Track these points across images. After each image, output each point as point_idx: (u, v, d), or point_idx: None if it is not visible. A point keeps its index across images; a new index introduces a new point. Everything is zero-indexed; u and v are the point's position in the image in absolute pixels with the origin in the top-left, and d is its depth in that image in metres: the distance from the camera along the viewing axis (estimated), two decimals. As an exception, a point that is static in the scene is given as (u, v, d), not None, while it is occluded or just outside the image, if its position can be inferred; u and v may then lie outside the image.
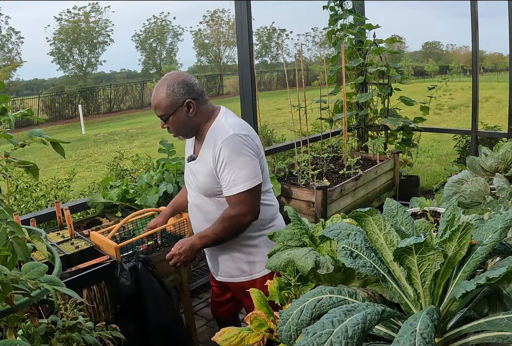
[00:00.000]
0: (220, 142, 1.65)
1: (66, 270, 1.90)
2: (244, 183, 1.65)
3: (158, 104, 1.70)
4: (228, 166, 1.65)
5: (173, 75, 1.71)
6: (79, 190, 4.31)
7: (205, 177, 1.76)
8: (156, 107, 1.71)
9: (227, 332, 1.03)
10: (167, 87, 1.68)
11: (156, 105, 1.70)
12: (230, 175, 1.66)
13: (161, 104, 1.69)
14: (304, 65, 3.39)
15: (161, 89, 1.69)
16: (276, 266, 1.18)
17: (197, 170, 1.79)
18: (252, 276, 1.89)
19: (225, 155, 1.65)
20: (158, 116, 1.74)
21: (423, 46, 46.21)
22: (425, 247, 0.83)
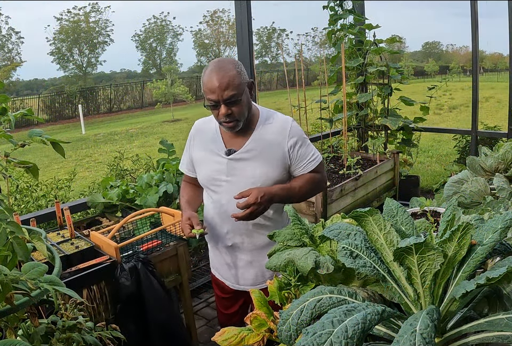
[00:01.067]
0: (290, 126, 1.70)
1: (66, 270, 1.91)
2: (319, 154, 1.78)
3: (231, 81, 1.53)
4: (304, 144, 1.72)
5: (228, 59, 1.63)
6: (79, 190, 4.32)
7: (265, 167, 1.67)
8: (228, 85, 1.53)
9: (227, 332, 1.03)
10: (234, 66, 1.57)
11: (229, 83, 1.53)
12: (309, 150, 1.74)
13: (235, 81, 1.54)
14: (304, 65, 3.39)
15: (229, 67, 1.56)
16: (276, 266, 1.18)
17: (247, 164, 1.67)
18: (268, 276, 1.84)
19: (299, 135, 1.72)
20: (226, 98, 1.55)
21: (423, 46, 46.25)
22: (425, 247, 0.83)
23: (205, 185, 1.79)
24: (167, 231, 2.31)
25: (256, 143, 1.68)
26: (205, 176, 1.76)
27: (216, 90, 1.53)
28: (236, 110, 1.58)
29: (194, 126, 1.85)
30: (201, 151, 1.77)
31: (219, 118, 1.61)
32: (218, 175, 1.71)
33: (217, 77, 1.53)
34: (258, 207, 1.57)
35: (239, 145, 1.70)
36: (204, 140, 1.77)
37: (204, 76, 1.58)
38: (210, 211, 1.80)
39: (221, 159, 1.70)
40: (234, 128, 1.64)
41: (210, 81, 1.54)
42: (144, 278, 2.03)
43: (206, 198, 1.84)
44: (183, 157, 1.91)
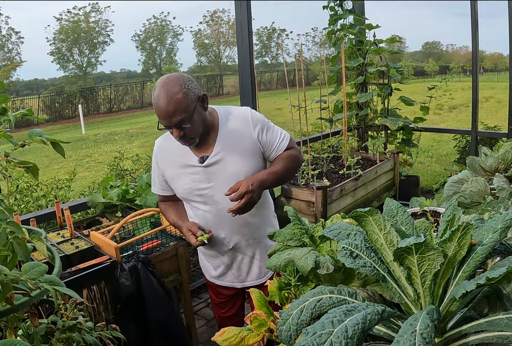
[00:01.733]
0: (250, 115, 1.71)
1: (66, 270, 1.91)
2: (285, 132, 1.80)
3: (177, 107, 1.51)
4: (269, 128, 1.75)
5: (174, 76, 1.57)
6: (79, 190, 4.31)
7: (242, 160, 1.68)
8: (175, 111, 1.51)
9: (227, 332, 1.03)
10: (180, 86, 1.52)
11: (175, 109, 1.50)
12: (276, 131, 1.76)
13: (182, 105, 1.51)
14: (304, 65, 3.39)
15: (175, 90, 1.51)
16: (276, 266, 1.18)
17: (224, 164, 1.67)
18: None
19: (262, 121, 1.74)
20: (175, 123, 1.53)
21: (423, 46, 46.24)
22: (425, 247, 0.83)
23: (187, 198, 1.76)
24: (167, 231, 2.31)
25: (225, 142, 1.68)
26: (184, 190, 1.73)
27: (165, 116, 1.53)
28: (188, 131, 1.57)
29: (156, 146, 1.81)
30: (172, 168, 1.75)
31: (176, 138, 1.60)
32: (199, 185, 1.70)
33: (164, 103, 1.51)
34: (252, 195, 1.57)
35: (209, 150, 1.69)
36: (171, 157, 1.74)
37: (153, 99, 1.55)
38: (200, 221, 1.78)
39: (196, 169, 1.69)
40: (192, 144, 1.65)
41: (158, 107, 1.52)
42: (144, 278, 2.03)
43: (191, 211, 1.82)
44: (153, 179, 1.86)
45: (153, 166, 1.83)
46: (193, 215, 1.81)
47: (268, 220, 1.87)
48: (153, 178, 1.87)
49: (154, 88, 1.56)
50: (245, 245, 1.80)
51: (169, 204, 1.89)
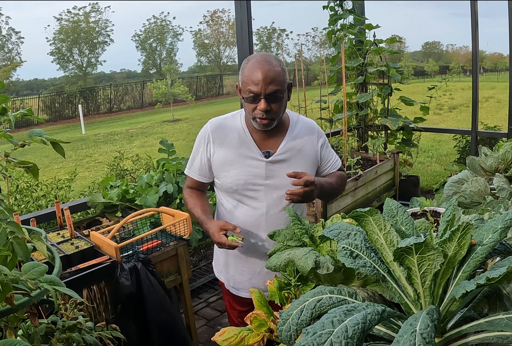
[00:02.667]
0: (316, 126, 1.76)
1: (66, 270, 1.90)
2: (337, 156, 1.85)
3: (276, 76, 1.49)
4: (328, 145, 1.78)
5: (272, 54, 1.59)
6: (79, 190, 4.32)
7: (303, 166, 1.65)
8: (273, 79, 1.48)
9: (227, 332, 1.03)
10: (279, 63, 1.53)
11: (274, 77, 1.48)
12: (332, 151, 1.81)
13: (280, 77, 1.50)
14: (304, 65, 3.39)
15: (276, 63, 1.51)
16: (276, 266, 1.18)
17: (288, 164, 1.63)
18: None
19: (324, 135, 1.78)
20: (270, 92, 1.48)
21: (423, 46, 46.21)
22: (425, 247, 0.83)
23: (237, 191, 1.65)
24: (167, 231, 2.31)
25: (292, 144, 1.65)
26: (237, 181, 1.62)
27: (261, 82, 1.47)
28: (275, 107, 1.52)
29: (211, 126, 1.68)
30: (228, 154, 1.63)
31: (254, 113, 1.53)
32: (255, 179, 1.62)
33: (264, 70, 1.47)
34: (313, 189, 1.50)
35: (273, 146, 1.64)
36: (229, 141, 1.64)
37: (246, 67, 1.52)
38: (243, 218, 1.67)
39: (258, 163, 1.62)
40: (268, 126, 1.57)
41: (254, 73, 1.47)
42: (144, 278, 2.03)
43: (234, 205, 1.70)
44: (193, 161, 1.73)
45: (199, 146, 1.70)
46: (232, 211, 1.70)
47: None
48: (192, 159, 1.73)
49: (247, 59, 1.55)
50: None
51: (196, 193, 1.76)
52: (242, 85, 1.54)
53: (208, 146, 1.66)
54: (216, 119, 1.71)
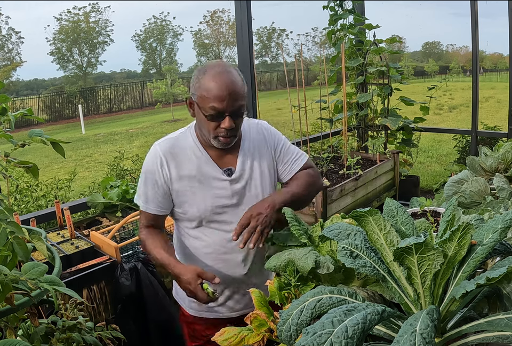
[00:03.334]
0: (265, 127, 1.60)
1: (66, 270, 1.91)
2: (302, 151, 1.65)
3: (241, 90, 1.36)
4: (285, 142, 1.61)
5: (229, 63, 1.43)
6: (79, 190, 4.32)
7: (265, 176, 1.54)
8: (238, 94, 1.34)
9: (227, 332, 1.03)
10: (238, 72, 1.40)
11: (239, 92, 1.35)
12: (292, 147, 1.62)
13: (243, 90, 1.37)
14: (304, 65, 3.39)
15: (236, 74, 1.38)
16: (276, 266, 1.18)
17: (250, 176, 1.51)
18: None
19: (276, 135, 1.61)
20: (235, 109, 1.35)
21: (423, 46, 46.17)
22: (425, 247, 0.83)
23: (205, 217, 1.49)
24: (166, 231, 2.31)
25: (249, 155, 1.52)
26: (206, 207, 1.46)
27: (226, 98, 1.32)
28: (238, 123, 1.40)
29: (161, 148, 1.47)
30: (188, 179, 1.46)
31: (217, 132, 1.38)
32: (222, 201, 1.47)
33: (228, 83, 1.33)
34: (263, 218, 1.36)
35: (231, 162, 1.50)
36: (187, 162, 1.46)
37: (205, 79, 1.34)
38: (214, 246, 1.51)
39: (222, 183, 1.47)
40: (230, 144, 1.43)
41: (218, 87, 1.32)
42: (144, 278, 2.03)
43: (202, 234, 1.52)
44: (147, 193, 1.49)
45: (151, 173, 1.47)
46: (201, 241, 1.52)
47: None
48: (145, 192, 1.49)
49: (203, 68, 1.38)
50: (259, 269, 1.56)
51: (155, 232, 1.53)
52: (202, 101, 1.35)
53: (163, 171, 1.45)
54: (164, 140, 1.51)
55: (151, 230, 1.52)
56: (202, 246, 1.53)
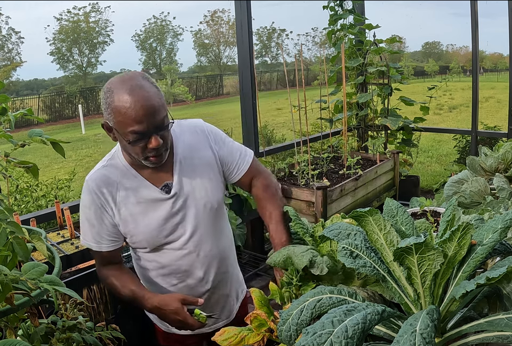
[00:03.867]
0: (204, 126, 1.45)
1: (66, 270, 1.91)
2: (247, 148, 1.53)
3: (158, 102, 1.21)
4: (225, 139, 1.48)
5: (132, 73, 1.27)
6: (79, 190, 4.31)
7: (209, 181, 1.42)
8: (156, 108, 1.20)
9: (227, 332, 1.03)
10: (148, 80, 1.24)
11: (157, 105, 1.20)
12: (236, 145, 1.50)
13: (161, 100, 1.23)
14: (304, 65, 3.39)
15: (147, 84, 1.22)
16: (276, 261, 1.20)
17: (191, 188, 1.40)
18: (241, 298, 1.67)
19: (217, 133, 1.47)
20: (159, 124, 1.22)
21: (423, 46, 46.14)
22: (425, 247, 0.83)
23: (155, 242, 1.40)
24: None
25: (186, 162, 1.39)
26: (151, 232, 1.37)
27: (144, 118, 1.17)
28: (166, 135, 1.26)
29: (92, 183, 1.35)
30: (128, 207, 1.35)
31: (146, 153, 1.25)
32: (168, 222, 1.37)
33: (142, 101, 1.17)
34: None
35: (167, 175, 1.37)
36: (122, 193, 1.35)
37: (116, 101, 1.19)
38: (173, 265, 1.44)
39: (164, 203, 1.36)
40: (163, 160, 1.30)
41: (132, 108, 1.17)
42: (144, 278, 2.03)
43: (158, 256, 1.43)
44: (96, 233, 1.37)
45: (92, 214, 1.36)
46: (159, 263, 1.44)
47: (232, 247, 1.61)
48: (93, 231, 1.37)
49: (109, 90, 1.23)
50: (221, 280, 1.52)
51: (116, 269, 1.43)
52: (119, 126, 1.21)
53: (104, 206, 1.35)
54: (95, 173, 1.38)
55: (109, 268, 1.43)
56: (160, 268, 1.45)
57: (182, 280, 1.46)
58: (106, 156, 1.44)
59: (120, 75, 1.25)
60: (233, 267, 1.61)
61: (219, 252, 1.49)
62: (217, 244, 1.48)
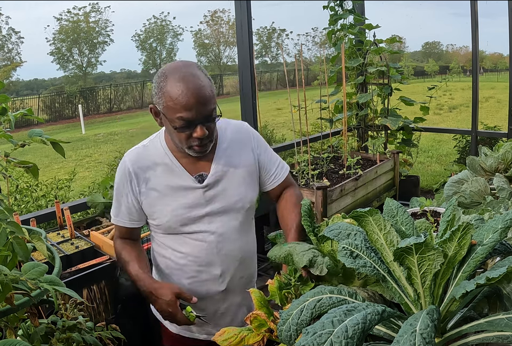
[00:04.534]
0: (248, 128, 1.48)
1: (66, 270, 1.91)
2: (283, 161, 1.56)
3: (210, 93, 1.22)
4: (267, 148, 1.50)
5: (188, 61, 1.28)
6: (79, 190, 4.32)
7: (245, 180, 1.42)
8: (207, 99, 1.21)
9: (227, 332, 1.03)
10: (203, 72, 1.25)
11: (208, 96, 1.21)
12: (275, 155, 1.52)
13: (212, 92, 1.24)
14: (304, 65, 3.39)
15: (201, 74, 1.23)
16: (276, 256, 1.20)
17: (226, 183, 1.40)
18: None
19: (260, 139, 1.50)
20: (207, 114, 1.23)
21: (423, 46, 46.14)
22: (425, 247, 0.83)
23: (176, 228, 1.40)
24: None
25: (226, 158, 1.40)
26: (175, 217, 1.37)
27: (194, 106, 1.19)
28: (212, 128, 1.28)
29: (129, 159, 1.40)
30: (157, 188, 1.37)
31: (190, 142, 1.27)
32: (195, 210, 1.37)
33: (195, 89, 1.18)
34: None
35: (205, 166, 1.38)
36: (155, 173, 1.37)
37: (168, 86, 1.20)
38: (191, 257, 1.42)
39: (194, 191, 1.37)
40: (206, 151, 1.32)
41: (183, 95, 1.18)
42: (144, 278, 2.03)
43: (178, 244, 1.43)
44: (120, 206, 1.43)
45: (122, 186, 1.40)
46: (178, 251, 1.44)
47: (254, 256, 1.58)
48: (117, 203, 1.43)
49: (163, 75, 1.23)
50: (237, 285, 1.49)
51: (130, 244, 1.47)
52: (168, 111, 1.22)
53: (132, 184, 1.38)
54: (133, 150, 1.43)
55: (126, 242, 1.47)
56: (178, 257, 1.44)
57: (197, 275, 1.44)
58: (151, 136, 1.46)
59: (176, 62, 1.26)
60: (251, 275, 1.57)
61: (241, 254, 1.46)
62: (241, 245, 1.46)
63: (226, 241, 1.42)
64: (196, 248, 1.41)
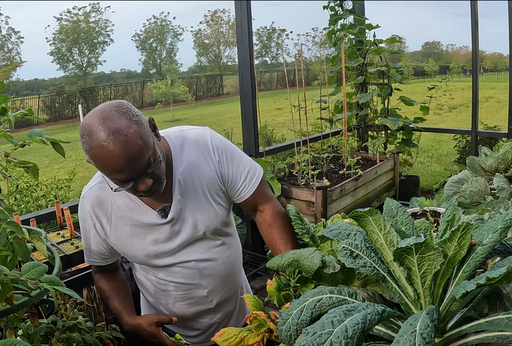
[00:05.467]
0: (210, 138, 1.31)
1: (66, 270, 1.91)
2: (256, 164, 1.39)
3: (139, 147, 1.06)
4: (234, 156, 1.34)
5: (108, 106, 1.12)
6: (79, 190, 4.32)
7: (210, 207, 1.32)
8: (138, 155, 1.05)
9: (227, 333, 1.03)
10: (127, 115, 1.08)
11: (139, 150, 1.06)
12: (243, 164, 1.35)
13: (144, 140, 1.07)
14: (304, 65, 3.39)
15: (124, 123, 1.06)
16: (279, 266, 1.17)
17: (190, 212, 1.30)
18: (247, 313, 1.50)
19: (223, 147, 1.32)
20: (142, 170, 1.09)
21: (423, 46, 46.14)
22: (425, 247, 0.83)
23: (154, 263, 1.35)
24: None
25: (187, 181, 1.28)
26: (148, 255, 1.32)
27: (126, 167, 1.05)
28: (158, 173, 1.14)
29: (89, 205, 1.30)
30: (122, 229, 1.30)
31: (138, 193, 1.16)
32: (166, 245, 1.31)
33: (119, 148, 1.03)
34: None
35: (166, 197, 1.27)
36: (116, 213, 1.29)
37: (93, 149, 1.04)
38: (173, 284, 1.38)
39: (161, 227, 1.28)
40: (159, 192, 1.19)
41: (109, 159, 1.04)
42: (144, 278, 2.03)
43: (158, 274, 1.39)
44: (89, 247, 1.36)
45: (87, 230, 1.33)
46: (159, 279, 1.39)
47: (240, 263, 1.54)
48: (86, 244, 1.36)
49: (84, 134, 1.06)
50: (228, 298, 1.47)
51: (109, 279, 1.43)
52: (102, 172, 1.12)
53: (96, 228, 1.31)
54: (91, 190, 1.30)
55: (103, 277, 1.43)
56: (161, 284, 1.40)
57: (183, 297, 1.40)
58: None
59: (94, 113, 1.09)
60: (240, 286, 1.55)
61: (224, 271, 1.42)
62: (223, 262, 1.41)
63: (207, 262, 1.37)
64: (177, 274, 1.37)
